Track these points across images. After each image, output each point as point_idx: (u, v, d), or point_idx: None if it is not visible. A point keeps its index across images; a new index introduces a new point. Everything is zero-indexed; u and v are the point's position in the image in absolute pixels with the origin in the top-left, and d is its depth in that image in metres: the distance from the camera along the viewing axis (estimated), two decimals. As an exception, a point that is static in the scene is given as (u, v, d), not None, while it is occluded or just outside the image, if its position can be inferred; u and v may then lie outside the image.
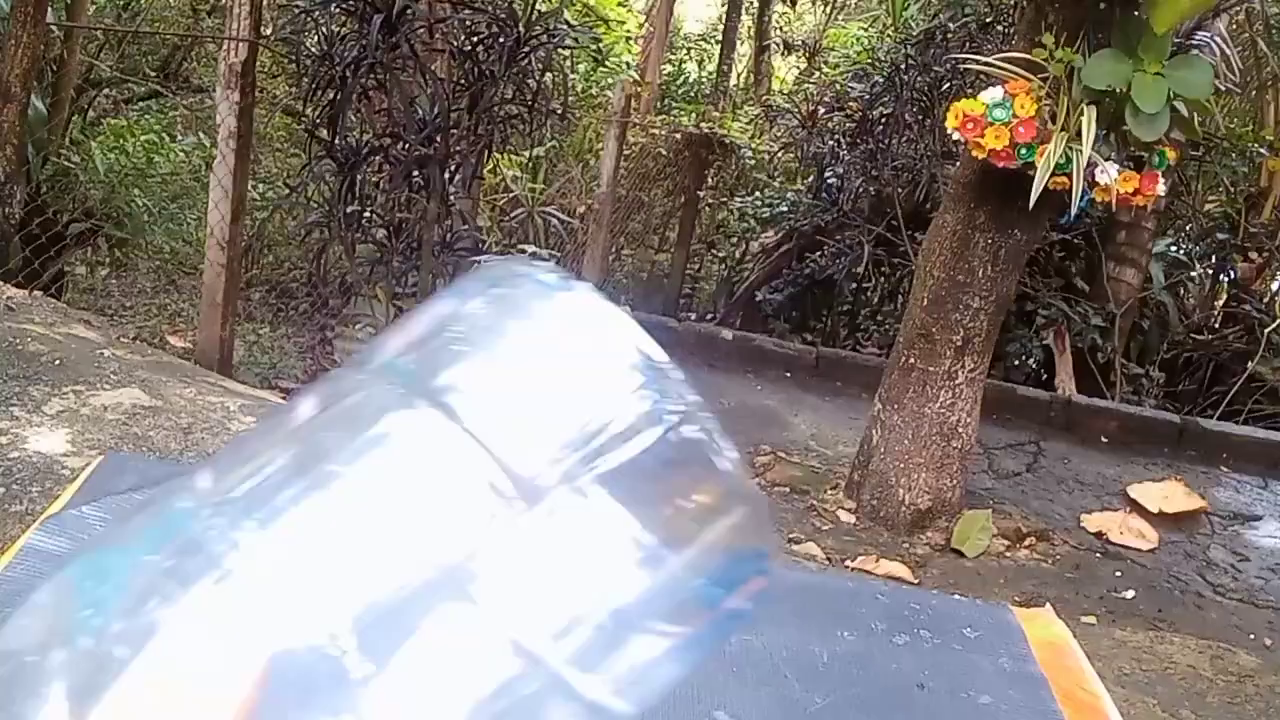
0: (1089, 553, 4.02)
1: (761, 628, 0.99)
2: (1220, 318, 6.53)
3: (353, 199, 4.64)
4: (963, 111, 3.23)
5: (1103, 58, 3.04)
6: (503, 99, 4.67)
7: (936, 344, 3.75)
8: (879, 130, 6.10)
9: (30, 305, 3.35)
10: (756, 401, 5.24)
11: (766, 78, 9.86)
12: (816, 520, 3.97)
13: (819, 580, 1.54)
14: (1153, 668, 2.79)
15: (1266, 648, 3.42)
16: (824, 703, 0.92)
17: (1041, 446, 5.06)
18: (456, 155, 4.68)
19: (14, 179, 4.17)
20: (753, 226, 6.98)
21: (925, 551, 3.81)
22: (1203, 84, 3.07)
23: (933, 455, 3.84)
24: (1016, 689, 0.97)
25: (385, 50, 4.23)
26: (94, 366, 2.90)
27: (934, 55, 5.66)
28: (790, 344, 5.98)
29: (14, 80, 4.04)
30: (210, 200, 4.16)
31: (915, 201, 5.88)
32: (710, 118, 7.53)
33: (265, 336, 5.44)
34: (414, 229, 4.84)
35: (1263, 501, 4.82)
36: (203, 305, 4.34)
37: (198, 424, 2.67)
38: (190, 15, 8.03)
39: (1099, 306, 5.70)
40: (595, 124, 7.72)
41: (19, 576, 0.93)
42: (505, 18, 4.57)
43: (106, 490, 1.06)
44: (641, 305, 7.10)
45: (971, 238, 3.62)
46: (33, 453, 2.39)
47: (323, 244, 4.69)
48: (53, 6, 4.69)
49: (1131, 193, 3.23)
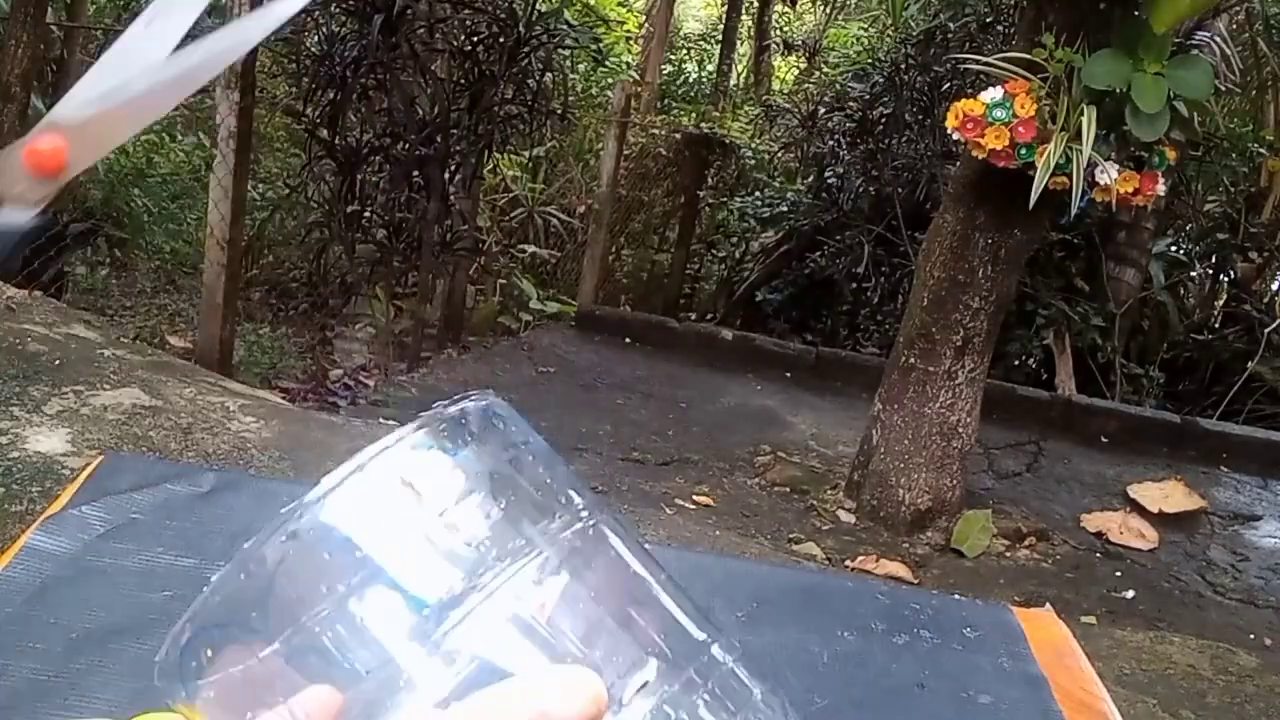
0: (1089, 553, 4.02)
1: (762, 628, 0.99)
2: (1220, 318, 6.54)
3: (353, 199, 4.64)
4: (963, 111, 3.23)
5: (1103, 58, 3.04)
6: (503, 99, 4.68)
7: (936, 344, 3.75)
8: (879, 130, 6.11)
9: (30, 305, 3.35)
10: (756, 401, 5.24)
11: (766, 78, 9.87)
12: (816, 520, 3.97)
13: (819, 580, 1.54)
14: (1153, 668, 2.79)
15: (1266, 648, 3.42)
16: (824, 703, 0.92)
17: (1041, 446, 5.06)
18: (456, 155, 4.69)
19: (14, 179, 4.16)
20: (753, 226, 6.99)
21: (925, 551, 3.81)
22: (1203, 84, 3.07)
23: (933, 455, 3.84)
24: (1016, 689, 0.97)
25: (385, 50, 4.23)
26: (94, 366, 2.90)
27: (934, 55, 5.67)
28: (790, 344, 5.98)
29: (14, 80, 4.04)
30: (210, 200, 4.16)
31: (915, 201, 5.88)
32: (710, 118, 7.53)
33: (265, 336, 5.44)
34: (414, 229, 4.84)
35: (1263, 501, 4.82)
36: (203, 305, 4.34)
37: (198, 424, 2.67)
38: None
39: (1099, 306, 5.70)
40: (595, 124, 7.72)
41: (19, 576, 0.93)
42: (505, 18, 4.58)
43: (106, 490, 1.06)
44: (641, 305, 7.10)
45: (971, 238, 3.62)
46: (33, 453, 2.39)
47: (323, 244, 4.69)
48: (53, 6, 4.69)
49: (1131, 193, 3.23)
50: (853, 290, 6.35)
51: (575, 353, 5.67)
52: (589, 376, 5.33)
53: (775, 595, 1.07)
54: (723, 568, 1.22)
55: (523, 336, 5.96)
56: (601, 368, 5.48)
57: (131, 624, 0.89)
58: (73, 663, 0.85)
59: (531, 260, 6.97)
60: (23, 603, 0.91)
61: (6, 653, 0.85)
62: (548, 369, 5.35)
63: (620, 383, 5.27)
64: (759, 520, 3.89)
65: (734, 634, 0.42)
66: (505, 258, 6.77)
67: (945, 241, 3.68)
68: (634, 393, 5.14)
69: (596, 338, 5.92)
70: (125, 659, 0.85)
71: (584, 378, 5.31)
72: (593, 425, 4.59)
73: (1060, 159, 3.06)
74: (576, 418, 4.62)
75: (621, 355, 5.73)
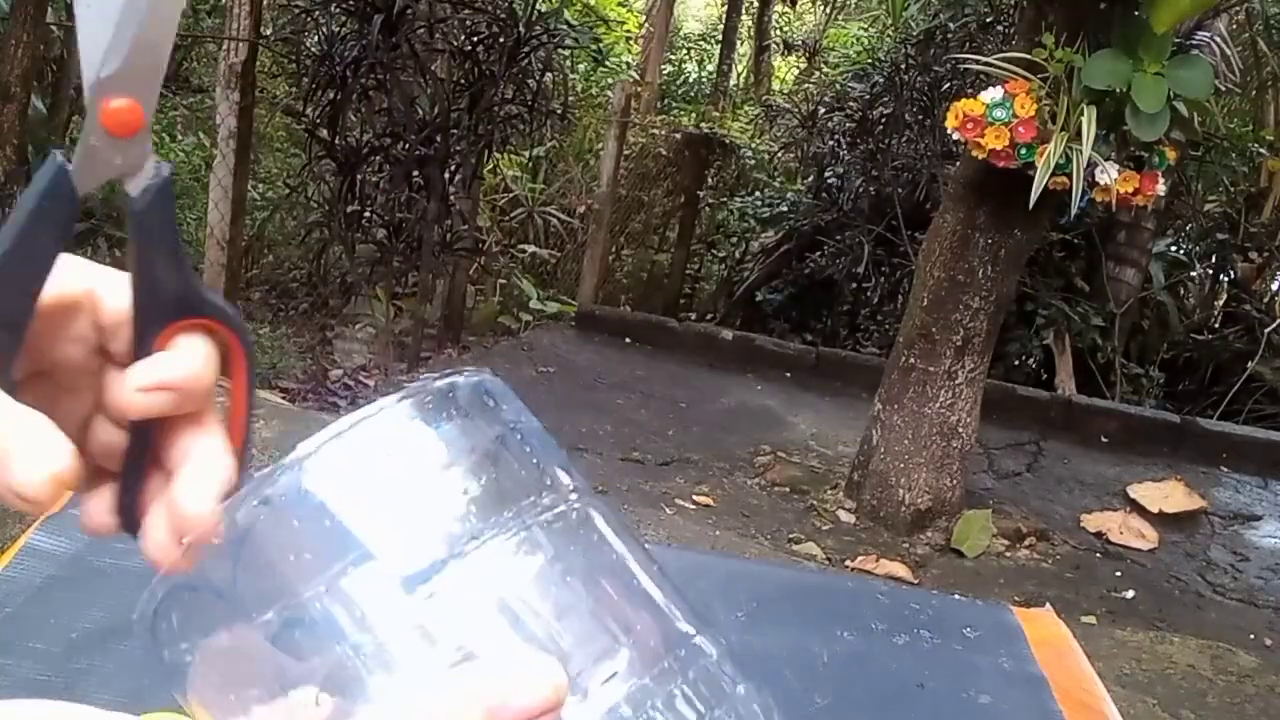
0: (1089, 553, 4.02)
1: (762, 628, 0.99)
2: (1220, 318, 6.53)
3: (353, 199, 4.64)
4: (963, 111, 3.23)
5: (1103, 58, 3.04)
6: (503, 99, 4.68)
7: (936, 344, 3.75)
8: (879, 130, 6.11)
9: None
10: (756, 401, 5.24)
11: (766, 78, 9.86)
12: (816, 520, 3.97)
13: (819, 580, 1.54)
14: (1153, 668, 2.79)
15: (1266, 648, 3.42)
16: (824, 703, 0.92)
17: (1041, 446, 5.06)
18: (456, 155, 4.69)
19: (14, 179, 4.18)
20: (753, 226, 6.99)
21: (925, 551, 3.81)
22: (1203, 84, 3.07)
23: (933, 455, 3.84)
24: (1016, 689, 0.97)
25: (385, 50, 4.23)
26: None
27: (934, 55, 5.67)
28: (790, 344, 5.98)
29: (14, 80, 4.04)
30: (210, 200, 4.16)
31: (915, 201, 5.88)
32: (710, 118, 7.53)
33: (265, 336, 5.43)
34: (414, 229, 4.84)
35: (1263, 501, 4.82)
36: (203, 305, 4.33)
37: (198, 424, 2.67)
38: (190, 15, 8.03)
39: (1099, 306, 5.70)
40: (595, 124, 7.72)
41: (19, 576, 0.93)
42: (505, 18, 4.58)
43: (106, 490, 1.06)
44: (641, 305, 7.10)
45: (971, 238, 3.62)
46: (33, 453, 2.38)
47: (323, 244, 4.69)
48: (53, 6, 4.69)
49: (1131, 193, 3.23)
50: (853, 290, 6.35)
51: (575, 353, 5.67)
52: (589, 376, 5.33)
53: (775, 595, 1.07)
54: (723, 568, 1.22)
55: (523, 336, 5.96)
56: (601, 368, 5.48)
57: (131, 624, 0.89)
58: (73, 663, 0.85)
59: (531, 260, 6.97)
60: (23, 603, 0.91)
61: (6, 653, 0.85)
62: (548, 369, 5.35)
63: (620, 383, 5.27)
64: (759, 520, 3.89)
65: (734, 634, 0.42)
66: (505, 258, 6.77)
67: (945, 241, 3.68)
68: (634, 393, 5.14)
69: (596, 338, 5.92)
70: (125, 659, 0.85)
71: (584, 378, 5.31)
72: (593, 425, 4.59)
73: (1060, 159, 3.06)
74: (576, 418, 4.62)
75: (621, 355, 5.73)
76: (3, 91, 4.05)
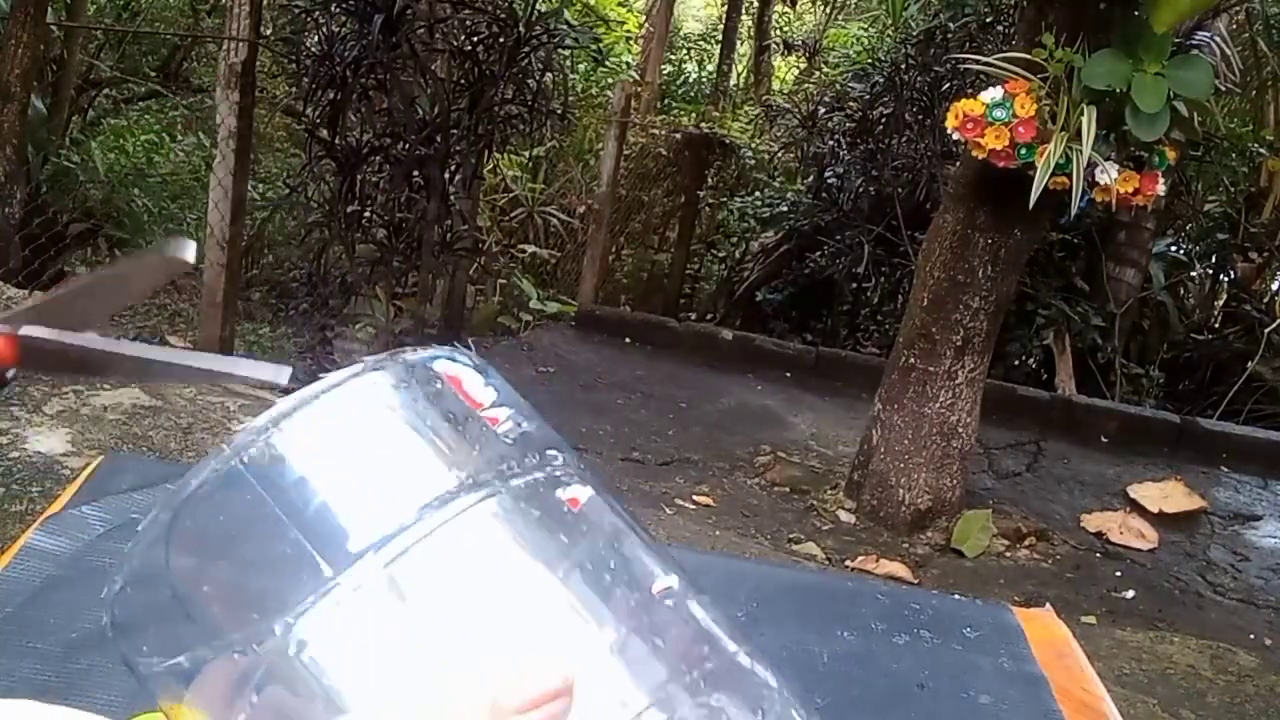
0: (1089, 553, 4.02)
1: (762, 628, 0.99)
2: (1220, 318, 6.53)
3: (353, 199, 4.64)
4: (963, 111, 3.23)
5: (1103, 58, 3.04)
6: (503, 99, 4.67)
7: (936, 344, 3.75)
8: (879, 130, 6.10)
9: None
10: (756, 401, 5.24)
11: (766, 78, 9.86)
12: (816, 520, 3.97)
13: (819, 580, 1.54)
14: (1153, 668, 2.79)
15: (1266, 648, 3.42)
16: (824, 703, 0.92)
17: (1041, 446, 5.06)
18: (456, 155, 4.68)
19: (14, 179, 4.18)
20: (753, 226, 6.99)
21: (925, 551, 3.81)
22: (1203, 84, 3.07)
23: (933, 455, 3.84)
24: (1016, 689, 0.97)
25: (385, 50, 4.23)
26: (94, 366, 2.89)
27: (934, 55, 5.66)
28: (790, 344, 5.98)
29: (14, 80, 4.04)
30: (210, 200, 4.16)
31: (915, 201, 5.88)
32: (710, 118, 7.53)
33: (265, 336, 5.44)
34: (414, 229, 4.84)
35: (1263, 501, 4.82)
36: (203, 305, 4.34)
37: (198, 424, 2.67)
38: (190, 15, 8.03)
39: (1099, 306, 5.70)
40: (595, 124, 7.72)
41: (19, 576, 0.93)
42: (505, 18, 4.57)
43: (106, 490, 1.06)
44: (641, 305, 7.10)
45: (971, 238, 3.62)
46: (33, 453, 2.39)
47: (323, 244, 4.69)
48: (53, 6, 4.70)
49: (1131, 193, 3.23)
50: (853, 290, 6.35)
51: (575, 353, 5.67)
52: (589, 376, 5.33)
53: (775, 595, 1.07)
54: (723, 568, 1.22)
55: (523, 336, 5.96)
56: (601, 368, 5.48)
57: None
58: (72, 663, 0.85)
59: (531, 260, 6.97)
60: (23, 603, 0.91)
61: (6, 653, 0.85)
62: (548, 369, 5.35)
63: (620, 383, 5.27)
64: (759, 520, 3.89)
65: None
66: (505, 258, 6.77)
67: (945, 241, 3.68)
68: (634, 393, 5.14)
69: (596, 338, 5.92)
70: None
71: (584, 378, 5.31)
72: (593, 425, 4.59)
73: (1060, 159, 3.06)
74: (576, 418, 4.62)
75: (621, 355, 5.73)
76: (3, 91, 4.04)
